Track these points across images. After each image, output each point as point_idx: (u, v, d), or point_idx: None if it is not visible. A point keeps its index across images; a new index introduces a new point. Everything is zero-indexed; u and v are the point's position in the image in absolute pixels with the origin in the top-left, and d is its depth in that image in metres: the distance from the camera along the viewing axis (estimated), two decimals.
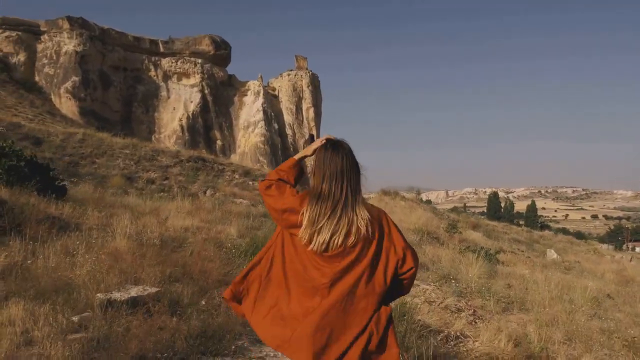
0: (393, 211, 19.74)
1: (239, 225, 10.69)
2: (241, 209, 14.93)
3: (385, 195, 23.90)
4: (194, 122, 62.63)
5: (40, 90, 55.52)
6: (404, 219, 17.37)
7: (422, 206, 24.74)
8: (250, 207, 17.70)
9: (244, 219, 12.54)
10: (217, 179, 21.54)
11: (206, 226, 9.83)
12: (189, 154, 22.98)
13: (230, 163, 23.71)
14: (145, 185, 19.14)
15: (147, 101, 61.83)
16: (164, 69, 63.75)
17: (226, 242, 8.52)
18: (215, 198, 19.27)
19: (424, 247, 13.64)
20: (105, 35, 60.25)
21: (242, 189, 20.96)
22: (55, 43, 57.18)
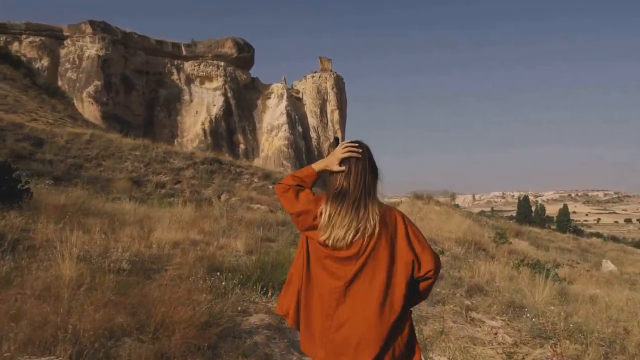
0: (428, 217, 17.47)
1: (248, 237, 8.63)
2: (257, 215, 12.87)
3: (417, 199, 21.62)
4: (217, 125, 61.22)
5: (63, 95, 54.81)
6: (442, 226, 15.11)
7: (458, 211, 22.37)
8: (267, 213, 15.69)
9: (258, 229, 10.51)
10: (233, 183, 19.60)
11: (205, 240, 7.82)
12: (203, 155, 21.11)
13: (249, 165, 21.77)
14: (154, 190, 17.30)
15: (170, 105, 60.70)
16: (187, 72, 62.58)
17: (226, 261, 6.49)
18: (229, 203, 17.32)
19: (472, 262, 11.42)
20: (127, 38, 59.38)
21: (260, 193, 18.96)
22: (77, 47, 56.53)
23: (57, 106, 53.73)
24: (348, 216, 2.06)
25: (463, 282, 8.61)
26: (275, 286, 5.91)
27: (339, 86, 68.79)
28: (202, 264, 6.14)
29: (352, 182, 2.10)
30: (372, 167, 2.14)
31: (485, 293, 8.41)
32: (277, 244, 9.63)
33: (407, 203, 20.98)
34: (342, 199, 2.09)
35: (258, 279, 5.84)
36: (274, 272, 6.15)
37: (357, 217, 2.05)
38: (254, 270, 6.14)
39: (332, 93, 67.37)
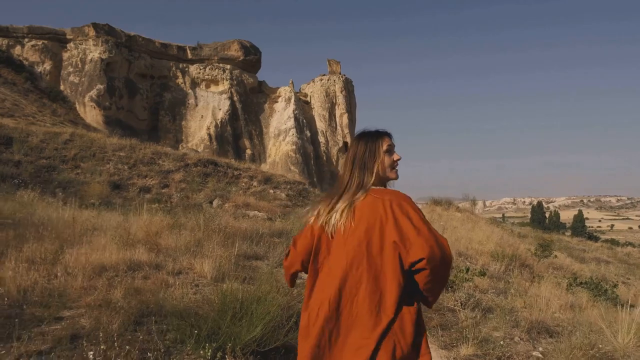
0: (451, 225, 15.07)
1: (225, 254, 6.34)
2: (248, 224, 10.59)
3: (436, 205, 19.23)
4: (223, 130, 59.17)
5: (65, 100, 53.03)
6: (470, 236, 12.73)
7: (482, 218, 19.91)
8: (264, 221, 13.42)
9: (243, 242, 8.23)
10: (229, 187, 17.34)
11: (157, 261, 5.54)
12: (197, 157, 18.90)
13: (247, 168, 19.50)
14: (138, 194, 15.08)
15: (174, 109, 58.77)
16: (192, 75, 60.68)
17: (173, 298, 4.20)
18: (223, 210, 15.08)
19: (516, 281, 9.06)
20: (131, 42, 57.62)
21: (259, 199, 16.67)
22: (80, 51, 54.82)
23: (58, 110, 51.92)
24: (336, 201, 2.01)
25: (519, 318, 6.24)
26: (243, 349, 3.55)
27: (348, 89, 66.50)
28: (128, 305, 3.84)
29: (347, 168, 2.08)
30: (371, 151, 2.06)
31: (551, 333, 6.03)
32: (266, 263, 7.33)
33: (426, 209, 18.58)
34: (338, 186, 2.08)
35: (212, 332, 3.52)
36: (244, 318, 3.81)
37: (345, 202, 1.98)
38: (212, 313, 3.84)
39: (341, 96, 65.10)
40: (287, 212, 15.84)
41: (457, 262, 9.24)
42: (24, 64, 54.08)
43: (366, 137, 2.09)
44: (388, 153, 2.07)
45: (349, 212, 1.95)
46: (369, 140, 2.08)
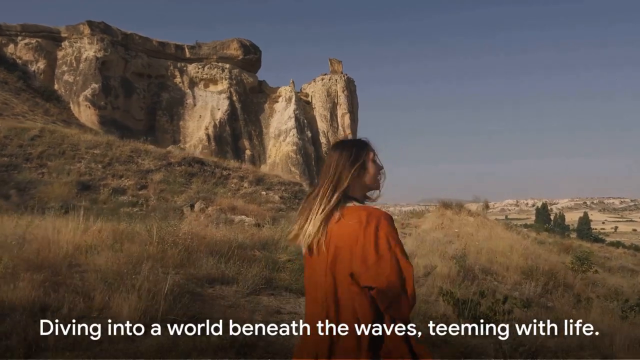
0: (467, 233, 13.17)
1: (175, 278, 4.47)
2: (226, 233, 8.74)
3: (446, 208, 17.30)
4: (222, 130, 57.33)
5: (59, 99, 51.46)
6: (491, 246, 10.84)
7: (497, 223, 17.97)
8: (251, 227, 11.59)
9: (211, 258, 6.36)
10: (216, 188, 15.49)
11: (58, 299, 3.68)
12: (182, 155, 17.05)
13: (237, 167, 17.64)
14: (110, 197, 13.24)
15: (172, 109, 56.96)
16: (190, 75, 58.87)
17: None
18: (205, 214, 13.22)
19: (558, 306, 7.19)
20: (128, 40, 55.87)
21: (249, 202, 14.80)
22: (75, 49, 53.08)
23: (51, 110, 50.04)
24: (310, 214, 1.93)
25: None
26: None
27: (350, 89, 64.63)
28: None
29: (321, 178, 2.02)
30: (350, 161, 1.98)
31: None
32: (235, 289, 5.44)
33: (434, 213, 16.67)
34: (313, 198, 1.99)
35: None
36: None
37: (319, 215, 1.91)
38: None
39: (343, 96, 63.24)
40: (279, 216, 13.98)
41: (484, 283, 7.42)
42: (17, 62, 52.48)
43: (351, 145, 2.05)
44: (374, 162, 2.02)
45: (324, 230, 1.88)
46: (355, 148, 2.03)
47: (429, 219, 15.21)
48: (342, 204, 1.89)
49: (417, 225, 14.68)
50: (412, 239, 10.71)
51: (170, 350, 2.89)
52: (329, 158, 2.01)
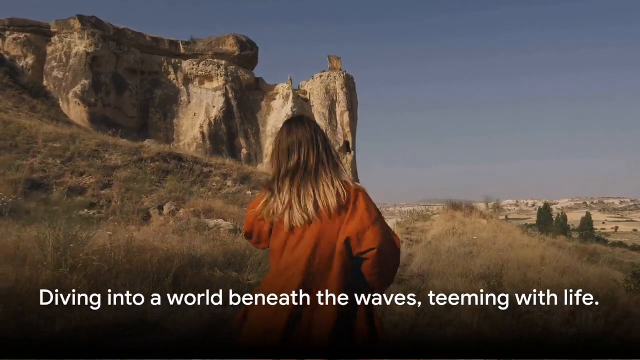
0: (484, 239, 11.09)
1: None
2: (189, 243, 6.71)
3: (455, 209, 15.25)
4: (217, 128, 55.29)
5: (48, 96, 49.13)
6: (517, 256, 8.80)
7: (514, 226, 15.87)
8: (227, 234, 9.59)
9: (142, 284, 4.30)
10: (194, 187, 13.43)
11: None
12: (156, 149, 14.98)
13: (221, 164, 15.57)
14: (64, 197, 11.19)
15: (166, 107, 54.91)
16: (185, 72, 56.82)
17: None
18: (175, 217, 11.17)
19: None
20: (120, 35, 53.81)
21: (230, 202, 12.74)
22: (65, 44, 51.04)
23: (38, 106, 47.79)
24: (300, 189, 1.91)
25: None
26: None
27: (349, 86, 62.52)
28: None
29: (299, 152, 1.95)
30: (321, 135, 2.02)
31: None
32: (153, 344, 3.34)
33: (443, 216, 14.61)
34: (290, 173, 1.94)
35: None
36: None
37: (311, 190, 1.91)
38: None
39: (342, 93, 61.13)
40: None
41: (528, 316, 5.42)
42: (5, 58, 50.20)
43: (314, 123, 2.11)
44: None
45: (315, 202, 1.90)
46: (317, 126, 2.12)
47: (438, 222, 13.18)
48: (324, 177, 1.92)
49: (425, 230, 12.66)
50: (423, 248, 8.70)
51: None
52: (296, 134, 1.97)
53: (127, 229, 8.88)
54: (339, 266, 1.84)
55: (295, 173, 1.91)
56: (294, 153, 1.93)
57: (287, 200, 1.88)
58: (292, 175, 1.91)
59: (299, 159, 1.92)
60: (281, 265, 1.89)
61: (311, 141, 1.95)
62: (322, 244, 1.85)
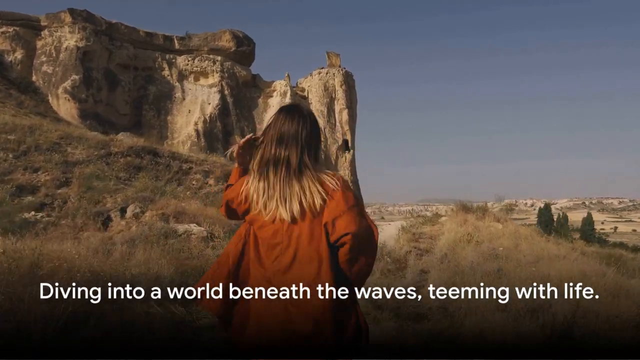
0: (506, 247, 9.32)
1: None
2: (100, 265, 4.89)
3: (466, 212, 13.48)
4: (212, 126, 53.43)
5: (37, 91, 47.50)
6: (553, 273, 7.05)
7: (534, 230, 14.09)
8: (198, 242, 7.82)
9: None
10: (170, 186, 11.66)
11: None
12: (129, 143, 13.18)
13: (203, 160, 13.79)
14: (11, 196, 9.42)
15: (159, 103, 53.02)
16: (179, 67, 54.94)
17: None
18: (138, 222, 9.40)
19: None
20: (112, 30, 51.91)
21: (209, 204, 10.96)
22: (55, 39, 49.11)
23: (25, 102, 45.84)
24: (286, 186, 1.88)
25: None
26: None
27: (349, 83, 60.70)
28: None
29: (285, 147, 1.93)
30: (313, 132, 2.01)
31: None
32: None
33: (453, 219, 12.83)
34: (275, 166, 1.91)
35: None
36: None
37: (297, 187, 1.87)
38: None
39: (341, 91, 59.32)
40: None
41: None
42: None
43: (308, 115, 2.06)
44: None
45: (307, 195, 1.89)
46: (313, 119, 2.09)
47: (448, 226, 11.43)
48: (308, 174, 1.89)
49: (434, 236, 10.91)
50: (438, 263, 6.96)
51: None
52: (286, 126, 1.95)
53: (78, 236, 7.16)
54: (327, 259, 1.82)
55: (277, 165, 1.91)
56: (276, 146, 1.93)
57: (272, 193, 1.86)
58: (274, 166, 1.91)
59: (281, 153, 1.91)
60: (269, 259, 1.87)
61: (294, 137, 1.92)
62: (309, 239, 1.83)
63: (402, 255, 8.10)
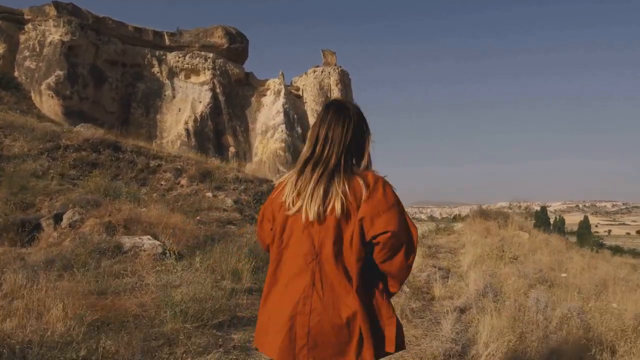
0: (546, 264, 7.21)
1: None
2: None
3: (485, 218, 11.36)
4: (203, 125, 51.18)
5: (19, 87, 44.96)
6: (631, 308, 4.99)
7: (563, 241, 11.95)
8: (149, 260, 5.63)
9: None
10: (130, 186, 9.45)
11: None
12: (87, 135, 10.96)
13: (174, 157, 11.61)
14: None
15: (148, 101, 50.73)
16: (170, 64, 52.69)
17: None
18: (77, 233, 7.21)
19: None
20: (100, 24, 49.58)
21: (178, 209, 8.79)
22: (39, 32, 46.74)
23: (5, 98, 43.41)
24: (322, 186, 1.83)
25: None
26: None
27: (345, 82, 58.63)
28: None
29: (329, 148, 1.88)
30: (359, 132, 1.92)
31: None
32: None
33: (472, 227, 10.67)
34: (316, 165, 1.86)
35: None
36: None
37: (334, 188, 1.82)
38: None
39: (337, 90, 57.21)
40: (222, 235, 7.98)
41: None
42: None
43: (357, 112, 1.98)
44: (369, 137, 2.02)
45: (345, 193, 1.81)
46: (361, 116, 1.99)
47: (470, 237, 9.33)
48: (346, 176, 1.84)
49: (454, 250, 8.81)
50: (479, 296, 4.84)
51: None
52: (332, 127, 1.87)
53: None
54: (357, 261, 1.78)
55: (317, 164, 1.85)
56: (318, 146, 1.87)
57: (304, 190, 1.83)
58: (314, 165, 1.86)
59: (323, 153, 1.85)
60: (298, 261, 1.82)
61: (338, 138, 1.85)
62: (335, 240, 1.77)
63: (424, 282, 5.94)
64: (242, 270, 5.76)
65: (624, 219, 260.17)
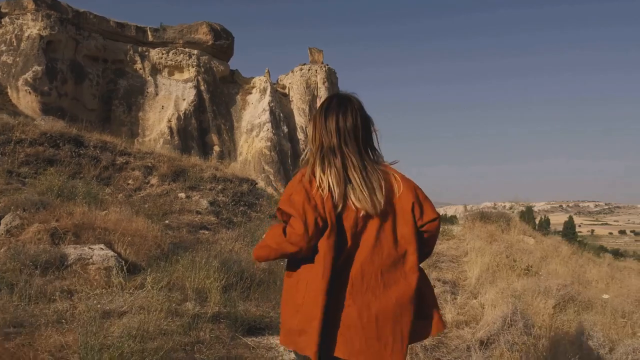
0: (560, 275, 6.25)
1: None
2: None
3: (486, 222, 10.40)
4: (187, 123, 49.78)
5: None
6: None
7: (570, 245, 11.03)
8: (98, 277, 4.46)
9: None
10: (92, 186, 8.28)
11: None
12: (45, 128, 9.74)
13: (145, 153, 10.45)
14: None
15: (130, 98, 49.18)
16: (153, 61, 51.18)
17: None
18: (17, 241, 6.06)
19: None
20: (80, 19, 47.92)
21: (144, 212, 7.65)
22: (16, 27, 44.96)
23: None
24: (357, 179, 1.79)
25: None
26: None
27: (331, 80, 57.57)
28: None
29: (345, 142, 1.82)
30: (366, 123, 1.89)
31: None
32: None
33: (473, 231, 9.68)
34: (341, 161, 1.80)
35: None
36: None
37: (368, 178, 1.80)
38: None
39: (323, 88, 56.12)
40: (192, 243, 6.88)
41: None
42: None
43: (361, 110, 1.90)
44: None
45: (387, 185, 1.82)
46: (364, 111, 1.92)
47: (472, 243, 8.36)
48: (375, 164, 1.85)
49: (456, 258, 7.83)
50: (505, 326, 3.84)
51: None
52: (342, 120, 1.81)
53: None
54: (415, 244, 1.79)
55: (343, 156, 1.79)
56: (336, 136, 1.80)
57: (359, 182, 1.76)
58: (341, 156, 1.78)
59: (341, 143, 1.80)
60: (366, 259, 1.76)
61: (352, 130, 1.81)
62: (392, 229, 1.79)
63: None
64: (210, 288, 4.68)
65: (606, 219, 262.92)
